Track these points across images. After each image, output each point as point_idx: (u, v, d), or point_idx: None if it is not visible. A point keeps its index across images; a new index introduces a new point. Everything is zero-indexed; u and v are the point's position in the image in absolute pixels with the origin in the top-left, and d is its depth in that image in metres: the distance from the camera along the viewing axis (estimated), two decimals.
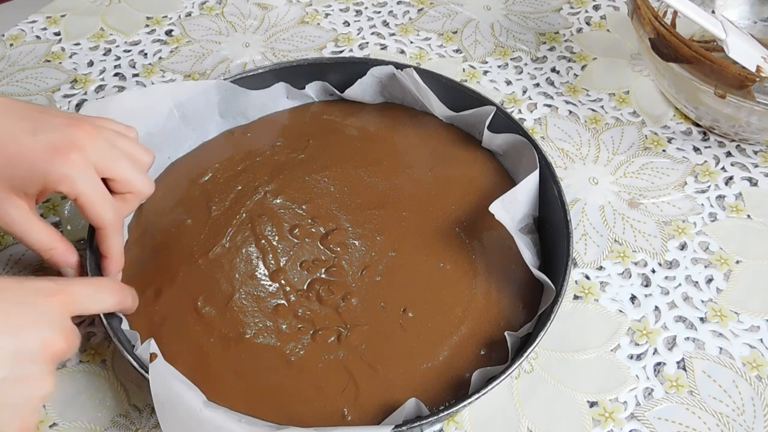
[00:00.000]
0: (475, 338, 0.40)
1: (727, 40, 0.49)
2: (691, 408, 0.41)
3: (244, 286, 0.42)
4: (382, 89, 0.52)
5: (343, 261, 0.43)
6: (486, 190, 0.47)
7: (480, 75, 0.59)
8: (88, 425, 0.40)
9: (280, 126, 0.51)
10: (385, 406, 0.38)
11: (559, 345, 0.43)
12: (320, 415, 0.38)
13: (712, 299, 0.45)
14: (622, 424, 0.40)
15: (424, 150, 0.49)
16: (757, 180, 0.52)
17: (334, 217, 0.45)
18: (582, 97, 0.57)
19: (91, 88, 0.58)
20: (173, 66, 0.60)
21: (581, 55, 0.61)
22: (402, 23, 0.64)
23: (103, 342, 0.43)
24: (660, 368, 0.42)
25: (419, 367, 0.39)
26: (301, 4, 0.66)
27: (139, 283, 0.42)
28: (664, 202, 0.50)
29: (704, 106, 0.51)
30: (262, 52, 0.61)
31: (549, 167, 0.45)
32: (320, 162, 0.48)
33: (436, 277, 0.43)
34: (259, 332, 0.40)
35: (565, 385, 0.41)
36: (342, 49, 0.61)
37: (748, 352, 0.43)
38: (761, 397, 0.41)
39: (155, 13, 0.65)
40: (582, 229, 0.49)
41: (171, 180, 0.48)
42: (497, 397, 0.41)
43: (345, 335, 0.40)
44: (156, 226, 0.45)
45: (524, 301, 0.42)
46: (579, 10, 0.65)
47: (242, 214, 0.45)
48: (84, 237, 0.42)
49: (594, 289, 0.46)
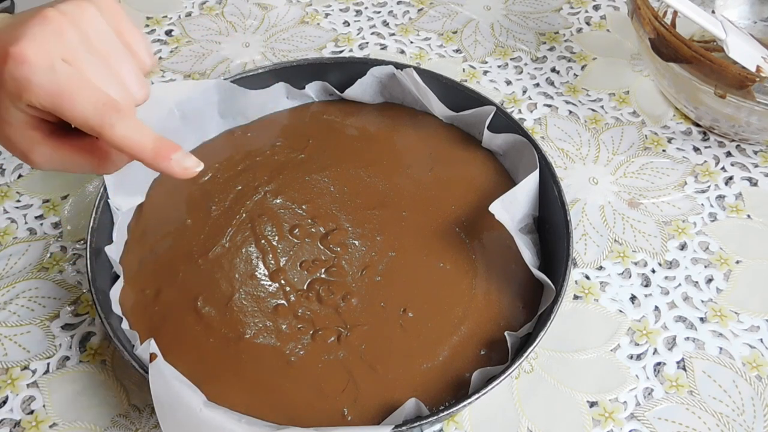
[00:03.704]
0: (475, 338, 0.40)
1: (727, 40, 0.49)
2: (691, 408, 0.41)
3: (244, 286, 0.42)
4: (382, 89, 0.52)
5: (343, 261, 0.43)
6: (486, 190, 0.47)
7: (480, 75, 0.59)
8: (88, 425, 0.40)
9: (280, 126, 0.51)
10: (385, 406, 0.38)
11: (559, 345, 0.43)
12: (320, 415, 0.38)
13: (712, 299, 0.45)
14: (622, 424, 0.40)
15: (424, 150, 0.49)
16: (757, 180, 0.52)
17: (334, 217, 0.45)
18: (582, 97, 0.57)
19: None
20: (173, 66, 0.60)
21: (581, 55, 0.61)
22: (402, 23, 0.64)
23: (103, 342, 0.43)
24: (660, 368, 0.42)
25: (419, 367, 0.39)
26: (301, 4, 0.66)
27: (139, 283, 0.42)
28: (664, 202, 0.50)
29: (704, 106, 0.51)
30: (262, 52, 0.61)
31: (549, 167, 0.45)
32: (320, 162, 0.48)
33: (436, 277, 0.43)
34: (259, 332, 0.40)
35: (565, 385, 0.41)
36: (342, 49, 0.61)
37: (748, 352, 0.43)
38: (761, 397, 0.41)
39: (155, 13, 0.65)
40: (582, 229, 0.49)
41: (171, 180, 0.47)
42: (497, 397, 0.41)
43: (345, 335, 0.40)
44: (156, 226, 0.45)
45: (524, 301, 0.42)
46: (579, 10, 0.65)
47: (242, 214, 0.45)
48: (84, 237, 0.42)
49: (594, 289, 0.46)
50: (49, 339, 0.43)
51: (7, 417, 0.40)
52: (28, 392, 0.41)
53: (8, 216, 0.49)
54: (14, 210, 0.50)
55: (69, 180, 0.51)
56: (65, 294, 0.45)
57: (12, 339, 0.43)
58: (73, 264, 0.47)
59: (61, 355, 0.43)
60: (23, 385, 0.41)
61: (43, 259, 0.47)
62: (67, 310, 0.44)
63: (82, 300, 0.45)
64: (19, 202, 0.50)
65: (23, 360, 0.42)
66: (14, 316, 0.44)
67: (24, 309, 0.44)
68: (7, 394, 0.41)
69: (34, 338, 0.43)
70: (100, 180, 0.47)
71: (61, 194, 0.51)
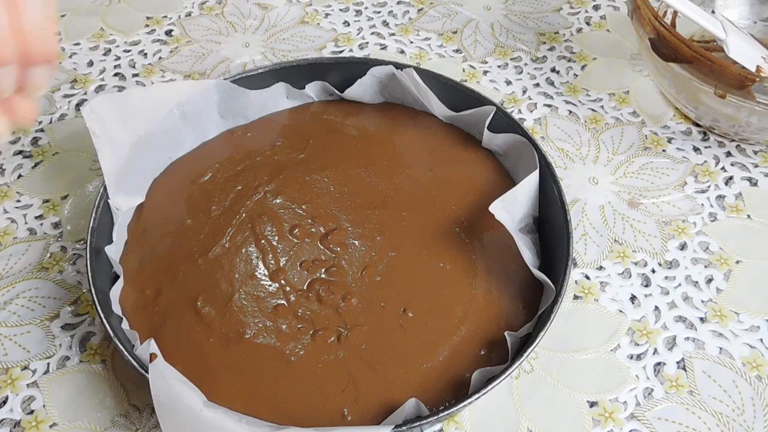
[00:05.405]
0: (475, 338, 0.40)
1: (727, 40, 0.49)
2: (691, 408, 0.41)
3: (244, 286, 0.42)
4: (382, 89, 0.52)
5: (343, 261, 0.43)
6: (486, 190, 0.47)
7: (480, 75, 0.59)
8: (88, 425, 0.40)
9: (280, 126, 0.51)
10: (385, 406, 0.38)
11: (559, 345, 0.43)
12: (320, 415, 0.38)
13: (712, 299, 0.45)
14: (622, 424, 0.40)
15: (424, 150, 0.49)
16: (757, 180, 0.52)
17: (334, 217, 0.45)
18: (582, 97, 0.57)
19: (91, 88, 0.58)
20: (173, 66, 0.60)
21: (581, 55, 0.61)
22: (402, 23, 0.64)
23: (103, 342, 0.43)
24: (660, 368, 0.42)
25: (419, 367, 0.39)
26: (301, 4, 0.66)
27: (139, 283, 0.42)
28: (664, 202, 0.50)
29: (704, 106, 0.51)
30: (262, 52, 0.61)
31: (549, 167, 0.45)
32: (320, 162, 0.48)
33: (436, 277, 0.43)
34: (259, 332, 0.40)
35: (565, 385, 0.41)
36: (342, 49, 0.61)
37: (748, 352, 0.43)
38: (761, 397, 0.41)
39: (155, 13, 0.65)
40: (582, 229, 0.49)
41: (171, 180, 0.48)
42: (497, 397, 0.41)
43: (345, 335, 0.40)
44: (156, 225, 0.45)
45: (524, 301, 0.42)
46: (579, 10, 0.65)
47: (242, 214, 0.45)
48: (84, 237, 0.42)
49: (594, 289, 0.46)
50: (49, 339, 0.43)
51: (7, 417, 0.40)
52: (28, 392, 0.41)
53: (8, 216, 0.49)
54: (14, 210, 0.50)
55: (69, 180, 0.51)
56: (65, 294, 0.45)
57: (12, 339, 0.43)
58: (73, 264, 0.47)
59: (61, 355, 0.43)
60: (23, 385, 0.41)
61: (43, 259, 0.47)
62: (67, 310, 0.44)
63: (82, 300, 0.45)
64: (19, 202, 0.50)
65: (23, 360, 0.42)
66: (14, 316, 0.44)
67: (24, 309, 0.44)
68: (7, 394, 0.41)
69: (34, 338, 0.43)
70: (100, 180, 0.47)
71: (61, 194, 0.51)
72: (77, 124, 0.55)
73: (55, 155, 0.53)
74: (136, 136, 0.46)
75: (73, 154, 0.53)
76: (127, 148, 0.45)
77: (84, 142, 0.53)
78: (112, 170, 0.44)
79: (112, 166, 0.44)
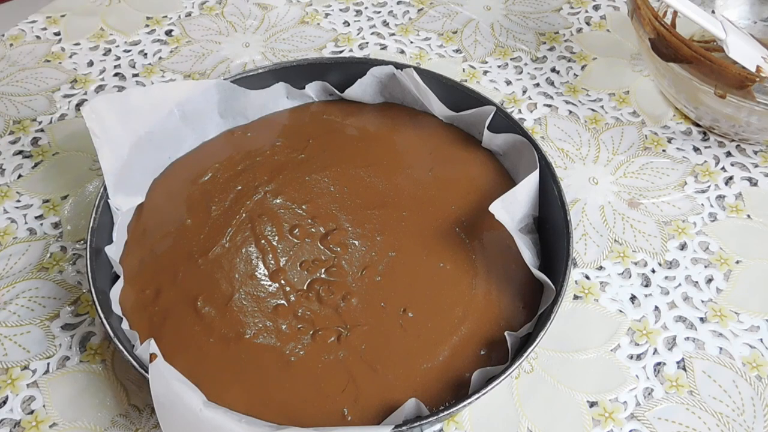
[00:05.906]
0: (475, 338, 0.40)
1: (727, 40, 0.49)
2: (691, 408, 0.41)
3: (244, 286, 0.42)
4: (382, 89, 0.52)
5: (343, 261, 0.43)
6: (486, 190, 0.47)
7: (480, 75, 0.59)
8: (88, 425, 0.40)
9: (280, 126, 0.51)
10: (385, 406, 0.38)
11: (559, 345, 0.43)
12: (320, 415, 0.38)
13: (712, 299, 0.45)
14: (622, 424, 0.40)
15: (424, 150, 0.49)
16: (757, 180, 0.52)
17: (334, 217, 0.45)
18: (582, 97, 0.57)
19: (91, 88, 0.58)
20: (173, 66, 0.60)
21: (581, 55, 0.61)
22: (402, 23, 0.64)
23: (103, 342, 0.43)
24: (660, 368, 0.42)
25: (419, 367, 0.39)
26: (301, 4, 0.66)
27: (139, 283, 0.42)
28: (664, 202, 0.50)
29: (704, 106, 0.51)
30: (262, 52, 0.61)
31: (549, 167, 0.45)
32: (320, 162, 0.48)
33: (436, 277, 0.43)
34: (259, 332, 0.40)
35: (565, 385, 0.41)
36: (342, 49, 0.61)
37: (748, 352, 0.43)
38: (761, 397, 0.41)
39: (155, 13, 0.65)
40: (582, 229, 0.49)
41: (171, 180, 0.48)
42: (497, 397, 0.41)
43: (345, 335, 0.40)
44: (156, 226, 0.45)
45: (524, 301, 0.42)
46: (579, 10, 0.65)
47: (242, 214, 0.45)
48: (84, 237, 0.42)
49: (594, 289, 0.46)
50: (49, 339, 0.43)
51: (7, 417, 0.40)
52: (28, 392, 0.41)
53: (8, 216, 0.49)
54: (14, 210, 0.50)
55: (69, 180, 0.51)
56: (65, 294, 0.45)
57: (12, 339, 0.43)
58: (73, 264, 0.47)
59: (61, 355, 0.43)
60: (23, 385, 0.41)
61: (43, 259, 0.47)
62: (67, 310, 0.44)
63: (82, 300, 0.45)
64: (19, 202, 0.50)
65: (23, 360, 0.42)
66: (14, 316, 0.44)
67: (24, 309, 0.44)
68: (7, 394, 0.41)
69: (34, 338, 0.43)
70: (100, 180, 0.47)
71: (61, 194, 0.51)
72: (77, 124, 0.55)
73: (55, 155, 0.53)
74: (136, 136, 0.46)
75: (73, 154, 0.53)
76: (127, 148, 0.45)
77: (84, 142, 0.53)
78: (112, 170, 0.44)
79: (112, 166, 0.44)
